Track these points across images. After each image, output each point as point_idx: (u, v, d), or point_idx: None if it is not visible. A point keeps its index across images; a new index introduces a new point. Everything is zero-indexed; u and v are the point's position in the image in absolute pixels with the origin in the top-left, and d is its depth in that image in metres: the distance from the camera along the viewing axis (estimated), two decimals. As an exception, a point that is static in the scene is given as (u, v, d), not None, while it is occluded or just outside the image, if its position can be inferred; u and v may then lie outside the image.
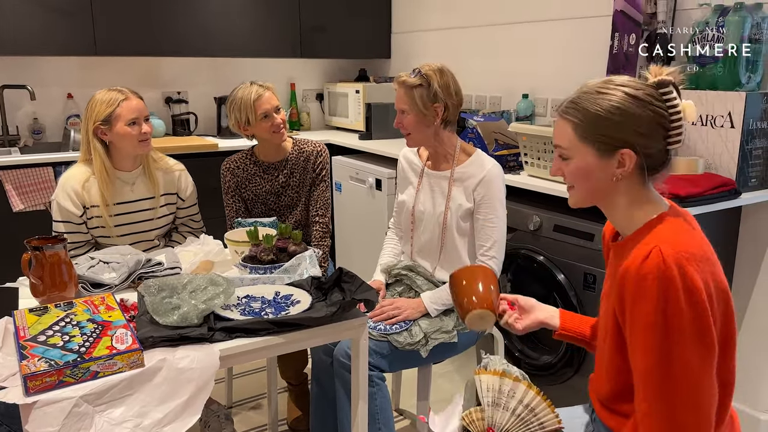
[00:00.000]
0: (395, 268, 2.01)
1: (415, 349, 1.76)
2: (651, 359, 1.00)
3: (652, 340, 0.99)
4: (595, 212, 2.04)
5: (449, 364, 2.80)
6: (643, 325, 1.00)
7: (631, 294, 1.01)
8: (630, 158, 1.08)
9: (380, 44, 4.08)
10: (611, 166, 1.10)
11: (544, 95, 2.97)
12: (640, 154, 1.08)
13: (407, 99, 1.83)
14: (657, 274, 0.98)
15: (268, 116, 2.13)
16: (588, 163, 1.12)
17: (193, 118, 3.73)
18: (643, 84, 1.09)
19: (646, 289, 0.99)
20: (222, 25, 3.48)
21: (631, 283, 1.01)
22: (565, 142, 1.13)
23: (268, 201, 2.28)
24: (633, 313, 1.01)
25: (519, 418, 1.18)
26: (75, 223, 1.97)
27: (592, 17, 2.68)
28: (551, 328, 1.36)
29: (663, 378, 0.99)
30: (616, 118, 1.07)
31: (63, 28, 3.07)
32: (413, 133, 1.87)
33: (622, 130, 1.07)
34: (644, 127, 1.07)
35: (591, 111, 1.09)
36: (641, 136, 1.07)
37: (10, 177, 2.84)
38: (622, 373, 1.12)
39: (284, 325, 1.39)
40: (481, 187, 1.84)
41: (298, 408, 2.36)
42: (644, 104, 1.07)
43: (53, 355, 1.19)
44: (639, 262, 1.00)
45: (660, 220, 1.08)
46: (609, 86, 1.09)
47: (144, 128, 1.97)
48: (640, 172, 1.10)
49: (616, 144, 1.08)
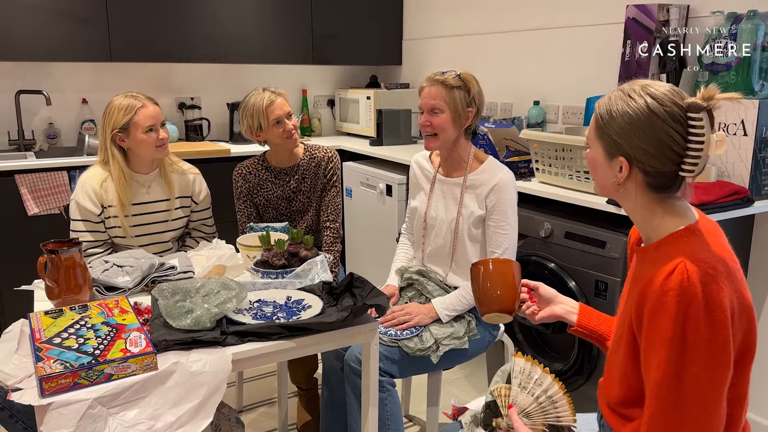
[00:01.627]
0: (407, 272, 2.01)
1: (425, 354, 1.76)
2: (664, 373, 0.99)
3: (667, 355, 0.98)
4: (607, 219, 2.05)
5: (459, 371, 2.80)
6: (660, 339, 0.99)
7: (651, 307, 1.00)
8: (625, 168, 1.07)
9: (391, 51, 4.09)
10: (613, 169, 1.10)
11: (556, 102, 2.97)
12: (636, 168, 1.06)
13: (446, 98, 1.83)
14: (679, 290, 0.97)
15: (280, 122, 2.15)
16: (596, 158, 1.13)
17: (206, 123, 3.76)
18: (674, 101, 1.03)
19: (667, 305, 0.98)
20: (235, 32, 3.51)
21: (653, 296, 1.00)
22: (589, 131, 1.15)
23: (279, 206, 2.29)
24: (651, 325, 1.01)
25: (539, 405, 1.22)
26: (93, 221, 2.00)
27: (603, 24, 2.68)
28: (568, 323, 1.36)
29: (673, 392, 0.99)
30: (623, 124, 1.05)
31: (79, 35, 3.11)
32: (441, 133, 1.86)
33: (624, 139, 1.06)
34: (649, 144, 1.03)
35: (610, 110, 1.07)
36: (642, 152, 1.04)
37: (25, 181, 2.87)
38: (632, 378, 1.11)
39: (296, 330, 1.40)
40: (493, 194, 1.85)
41: (308, 413, 2.36)
42: (659, 122, 1.02)
43: (68, 358, 1.21)
44: (663, 278, 0.99)
45: (687, 234, 1.05)
46: (639, 91, 1.05)
47: (161, 134, 2.00)
48: (648, 188, 1.08)
49: (617, 150, 1.07)
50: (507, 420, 1.24)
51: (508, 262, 1.33)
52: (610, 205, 2.01)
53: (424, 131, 1.89)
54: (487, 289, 1.31)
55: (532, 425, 1.22)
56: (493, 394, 1.28)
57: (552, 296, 1.37)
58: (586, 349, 2.10)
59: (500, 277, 1.31)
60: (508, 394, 1.26)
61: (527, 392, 1.24)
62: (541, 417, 1.23)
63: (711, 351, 0.97)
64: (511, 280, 1.31)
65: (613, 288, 1.99)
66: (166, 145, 2.03)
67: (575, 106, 2.86)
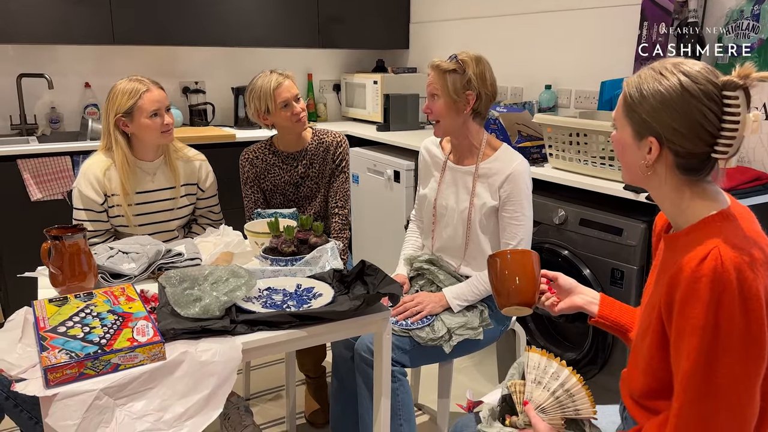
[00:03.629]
0: (417, 260, 1.97)
1: (437, 344, 1.72)
2: (694, 362, 0.95)
3: (698, 343, 0.94)
4: (623, 206, 2.00)
5: (468, 360, 2.76)
6: (691, 327, 0.94)
7: (682, 294, 0.96)
8: (655, 149, 1.02)
9: (398, 34, 4.02)
10: (642, 150, 1.04)
11: (568, 86, 2.91)
12: (666, 148, 1.01)
13: (440, 83, 1.77)
14: (713, 277, 0.92)
15: (288, 105, 2.10)
16: (625, 140, 1.07)
17: (211, 108, 3.70)
18: (709, 79, 0.98)
19: (699, 291, 0.93)
20: (240, 15, 3.44)
21: (685, 283, 0.95)
22: (616, 112, 1.09)
23: (286, 192, 2.24)
24: (682, 313, 0.96)
25: (556, 399, 1.18)
26: (96, 211, 1.96)
27: (618, 6, 2.61)
28: (589, 313, 1.31)
29: (703, 383, 0.95)
30: (654, 103, 1.00)
31: (81, 17, 3.05)
32: (442, 120, 1.81)
33: (655, 118, 1.00)
34: (681, 123, 0.99)
35: (640, 89, 1.02)
36: (674, 132, 0.99)
37: (28, 166, 2.83)
38: (659, 369, 1.07)
39: (307, 319, 1.36)
40: (507, 184, 1.79)
41: (317, 401, 2.33)
42: (693, 100, 0.97)
43: (74, 347, 1.17)
44: (695, 264, 0.94)
45: (721, 219, 1.00)
46: (672, 69, 1.01)
47: (166, 119, 1.95)
48: (678, 169, 1.03)
49: (646, 129, 1.02)
50: (523, 417, 1.20)
51: (527, 253, 1.28)
52: (627, 191, 1.95)
53: (428, 118, 1.86)
54: (505, 281, 1.26)
55: (549, 420, 1.18)
56: (509, 389, 1.25)
57: (572, 287, 1.32)
58: (600, 339, 2.06)
59: (519, 269, 1.26)
60: (523, 390, 1.22)
61: (543, 387, 1.19)
62: (558, 411, 1.18)
63: (745, 342, 0.93)
64: (531, 271, 1.26)
65: (630, 276, 1.94)
66: (171, 131, 1.98)
67: (588, 90, 2.80)
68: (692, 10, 2.23)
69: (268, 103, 2.09)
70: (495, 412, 1.27)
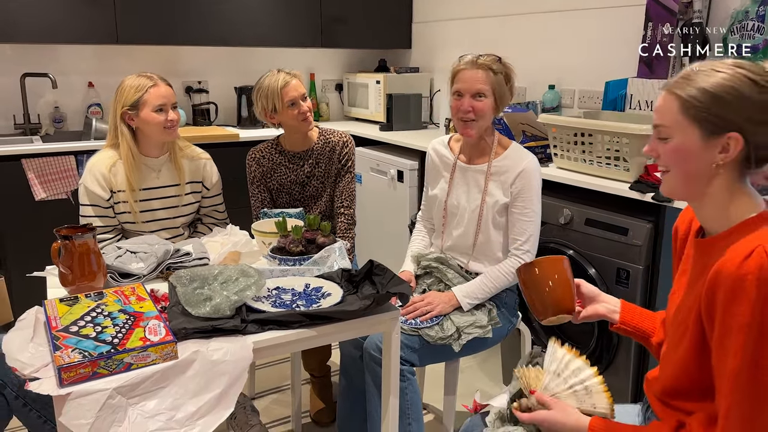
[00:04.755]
0: (425, 259, 1.97)
1: (446, 343, 1.73)
2: (741, 360, 0.95)
3: (744, 341, 0.94)
4: (628, 206, 2.00)
5: (472, 359, 2.77)
6: (737, 325, 0.94)
7: (726, 293, 0.95)
8: (736, 144, 1.00)
9: (401, 34, 4.02)
10: (714, 150, 1.02)
11: (572, 86, 2.91)
12: (748, 140, 1.00)
13: (492, 82, 1.78)
14: (758, 274, 0.92)
15: (295, 104, 2.10)
16: (690, 144, 1.03)
17: (214, 107, 3.70)
18: (761, 69, 1.00)
19: (745, 290, 0.93)
20: (243, 15, 3.45)
21: (728, 282, 0.95)
22: (668, 119, 1.05)
23: (293, 191, 2.25)
24: (727, 312, 0.96)
25: (573, 392, 1.18)
26: (102, 207, 1.96)
27: (623, 6, 2.61)
28: (610, 321, 1.32)
29: (751, 380, 0.94)
30: (729, 97, 0.99)
31: (85, 17, 3.05)
32: (482, 120, 1.81)
33: (734, 111, 0.99)
34: (758, 112, 0.99)
35: (703, 87, 1.01)
36: (753, 122, 0.99)
37: (32, 165, 2.83)
38: (696, 371, 1.06)
39: (317, 318, 1.36)
40: (519, 181, 1.80)
41: (321, 400, 2.34)
42: (762, 89, 0.99)
43: (86, 346, 1.17)
44: (739, 261, 0.94)
45: (762, 220, 1.00)
46: (725, 64, 1.01)
47: (171, 115, 1.95)
48: (742, 163, 1.02)
49: (725, 126, 1.00)
50: (531, 401, 1.19)
51: (560, 260, 1.26)
52: (632, 191, 1.96)
53: (464, 117, 1.80)
54: (546, 292, 1.24)
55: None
56: (518, 373, 1.25)
57: (595, 294, 1.32)
58: (606, 338, 2.06)
59: (559, 277, 1.24)
60: (536, 376, 1.22)
61: (561, 379, 1.19)
62: (574, 401, 1.18)
63: None
64: (567, 278, 1.25)
65: (635, 276, 1.95)
66: (175, 128, 1.99)
67: (592, 90, 2.80)
68: (697, 11, 2.24)
69: (276, 102, 2.09)
70: (504, 415, 1.27)
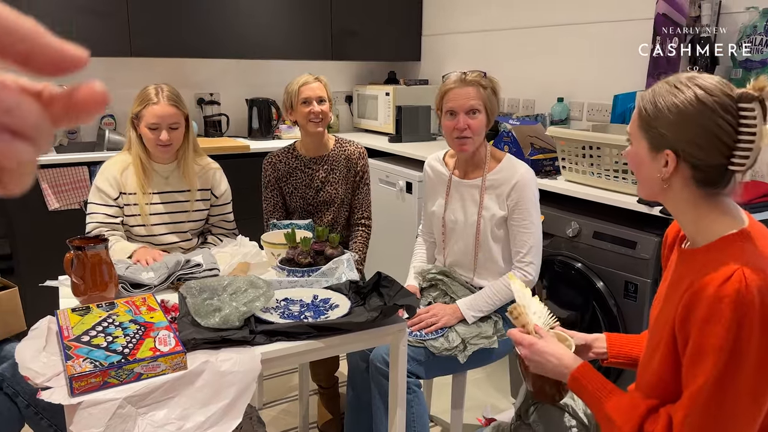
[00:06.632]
0: (429, 273, 1.98)
1: (452, 354, 1.73)
2: (706, 380, 0.96)
3: (714, 362, 0.95)
4: (637, 219, 2.01)
5: (480, 372, 2.76)
6: (710, 346, 0.95)
7: (702, 313, 0.96)
8: (672, 162, 1.03)
9: (410, 47, 4.06)
10: (658, 163, 1.06)
11: (580, 99, 2.92)
12: (683, 161, 1.03)
13: (483, 98, 1.80)
14: (735, 298, 0.93)
15: (308, 102, 2.16)
16: (640, 154, 1.09)
17: (225, 119, 3.74)
18: (725, 91, 0.99)
19: (721, 312, 0.94)
20: (254, 28, 3.49)
21: (707, 302, 0.96)
22: (631, 126, 1.11)
23: (306, 195, 2.27)
24: (702, 332, 0.97)
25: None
26: (109, 197, 1.98)
27: (631, 20, 2.63)
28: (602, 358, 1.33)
29: (710, 398, 0.96)
30: (671, 117, 1.02)
31: (100, 30, 3.10)
32: (477, 137, 1.82)
33: (671, 131, 1.02)
34: (697, 135, 1.00)
35: (656, 102, 1.04)
36: (691, 144, 1.01)
37: (46, 176, 2.87)
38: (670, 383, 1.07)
39: (324, 330, 1.38)
40: (514, 193, 1.81)
41: (329, 411, 2.34)
42: (709, 112, 0.99)
43: (97, 356, 1.19)
44: (718, 283, 0.95)
45: (741, 238, 1.00)
46: (687, 82, 1.03)
47: (163, 135, 1.93)
48: (695, 183, 1.04)
49: (663, 143, 1.04)
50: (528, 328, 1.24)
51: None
52: (640, 204, 1.96)
53: (460, 135, 1.80)
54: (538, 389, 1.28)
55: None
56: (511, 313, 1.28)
57: (590, 341, 1.33)
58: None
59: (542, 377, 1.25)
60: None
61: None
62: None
63: (759, 361, 0.94)
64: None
65: (644, 289, 1.95)
66: (167, 148, 1.97)
67: (601, 104, 2.81)
68: (705, 25, 2.25)
69: (293, 98, 2.18)
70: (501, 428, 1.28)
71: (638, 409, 1.07)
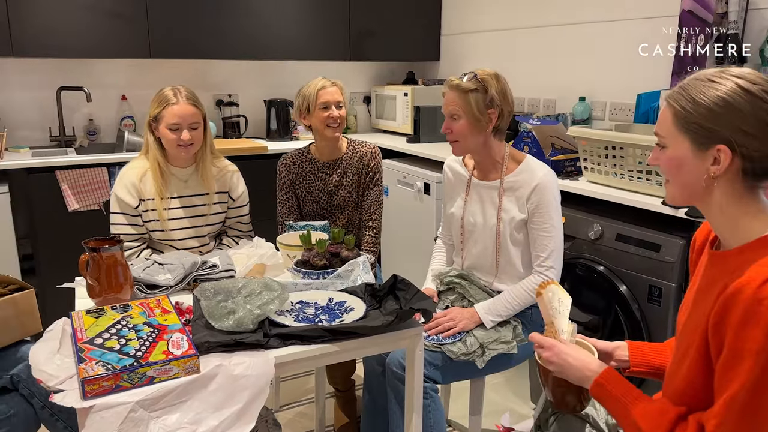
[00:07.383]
0: (447, 276, 1.95)
1: (470, 359, 1.70)
2: (742, 385, 0.92)
3: (751, 366, 0.90)
4: (661, 222, 1.95)
5: (499, 376, 2.72)
6: (747, 350, 0.91)
7: (739, 316, 0.92)
8: (726, 156, 0.98)
9: (429, 46, 4.03)
10: (705, 161, 1.00)
11: (602, 98, 2.87)
12: (738, 154, 0.98)
13: (461, 103, 1.75)
14: None
15: (327, 107, 2.14)
16: (681, 155, 1.03)
17: (243, 120, 3.75)
18: (764, 79, 0.97)
19: (760, 315, 0.90)
20: (273, 29, 3.49)
21: (743, 305, 0.92)
22: (664, 129, 1.05)
23: (320, 199, 2.26)
24: (739, 335, 0.93)
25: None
26: (131, 215, 1.99)
27: (656, 17, 2.57)
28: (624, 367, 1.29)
29: (746, 405, 0.91)
30: (718, 109, 0.97)
31: (120, 32, 3.13)
32: (462, 140, 1.79)
33: (722, 124, 0.97)
34: (750, 125, 0.96)
35: (694, 98, 0.99)
36: (744, 135, 0.96)
37: (66, 177, 2.89)
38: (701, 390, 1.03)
39: (339, 333, 1.35)
40: (534, 196, 1.76)
41: (346, 414, 2.32)
42: (757, 100, 0.95)
43: (110, 359, 1.18)
44: (757, 285, 0.91)
45: None
46: (723, 75, 0.99)
47: (184, 135, 1.93)
48: (744, 176, 0.99)
49: (713, 138, 0.98)
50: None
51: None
52: (665, 206, 1.91)
53: (447, 138, 1.83)
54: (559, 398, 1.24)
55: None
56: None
57: (611, 349, 1.29)
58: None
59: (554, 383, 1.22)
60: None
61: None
62: None
63: None
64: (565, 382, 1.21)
65: (668, 293, 1.89)
66: (188, 147, 1.97)
67: (624, 103, 2.75)
68: (732, 22, 2.18)
69: (310, 103, 2.15)
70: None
71: (667, 415, 1.03)
